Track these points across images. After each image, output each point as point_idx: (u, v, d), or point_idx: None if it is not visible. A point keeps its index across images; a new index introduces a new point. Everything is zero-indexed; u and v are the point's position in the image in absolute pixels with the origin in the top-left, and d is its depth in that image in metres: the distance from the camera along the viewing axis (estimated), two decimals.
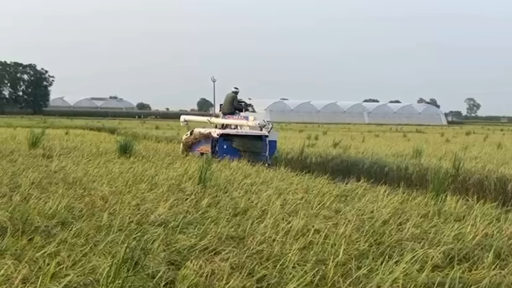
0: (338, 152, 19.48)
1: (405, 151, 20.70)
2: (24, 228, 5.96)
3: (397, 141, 30.04)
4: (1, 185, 8.80)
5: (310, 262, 5.23)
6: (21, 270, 4.59)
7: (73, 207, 7.24)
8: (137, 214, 6.99)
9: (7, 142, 19.07)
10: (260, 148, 17.08)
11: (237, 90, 18.91)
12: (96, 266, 4.82)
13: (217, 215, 7.25)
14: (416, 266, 5.20)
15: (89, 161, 13.15)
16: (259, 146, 17.11)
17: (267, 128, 17.43)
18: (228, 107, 18.76)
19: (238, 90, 18.93)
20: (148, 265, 4.96)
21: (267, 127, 17.44)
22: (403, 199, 9.23)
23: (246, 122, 17.77)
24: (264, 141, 17.24)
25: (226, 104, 18.87)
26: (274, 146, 17.75)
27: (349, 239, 6.10)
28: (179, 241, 5.77)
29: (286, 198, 8.74)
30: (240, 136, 17.28)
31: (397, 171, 15.82)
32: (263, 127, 17.38)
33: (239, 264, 5.17)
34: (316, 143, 25.42)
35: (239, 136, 17.31)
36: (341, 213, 7.74)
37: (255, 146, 17.06)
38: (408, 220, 7.41)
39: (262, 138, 17.27)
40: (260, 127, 17.39)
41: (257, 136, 17.30)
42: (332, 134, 37.95)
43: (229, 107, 18.71)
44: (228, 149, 16.71)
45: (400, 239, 6.36)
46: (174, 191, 9.06)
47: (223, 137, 17.00)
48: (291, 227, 6.55)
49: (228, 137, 17.12)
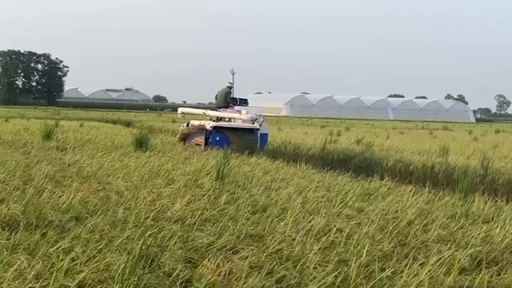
0: (361, 149, 19.39)
1: (431, 149, 20.56)
2: (37, 223, 6.02)
3: (423, 139, 29.83)
4: (14, 178, 8.88)
5: (331, 262, 5.22)
6: (34, 266, 4.64)
7: (87, 202, 7.29)
8: (153, 210, 7.02)
9: (20, 134, 19.24)
10: (251, 140, 18.23)
11: (231, 85, 19.99)
12: (111, 262, 4.85)
13: (235, 212, 7.26)
14: (443, 269, 5.18)
15: (104, 154, 13.22)
16: (251, 139, 18.30)
17: (258, 121, 18.68)
18: (222, 101, 19.94)
19: (232, 85, 20.01)
20: (164, 263, 4.98)
21: (258, 121, 18.68)
22: (429, 199, 9.18)
23: (239, 116, 18.92)
24: (256, 134, 18.56)
25: (220, 98, 20.09)
26: (265, 138, 19.21)
27: (372, 240, 6.09)
28: (196, 239, 5.79)
29: (307, 196, 8.73)
30: (232, 129, 18.48)
31: (423, 170, 15.72)
32: (255, 120, 18.56)
33: (258, 263, 5.18)
34: (339, 139, 25.34)
35: (232, 128, 18.51)
36: (364, 213, 7.72)
37: (246, 138, 18.20)
38: (434, 221, 7.37)
39: (253, 131, 18.58)
40: (252, 120, 18.54)
41: (249, 129, 18.54)
42: (355, 130, 37.79)
43: (223, 100, 19.89)
44: (220, 141, 17.88)
45: (425, 240, 6.34)
46: (191, 186, 9.08)
47: (216, 129, 18.24)
48: (312, 226, 6.55)
49: (221, 129, 18.34)
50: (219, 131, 18.29)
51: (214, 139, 18.14)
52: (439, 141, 26.21)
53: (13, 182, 8.41)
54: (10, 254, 4.90)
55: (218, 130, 18.31)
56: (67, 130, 22.69)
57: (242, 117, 18.81)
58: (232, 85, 19.99)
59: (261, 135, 18.82)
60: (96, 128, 26.96)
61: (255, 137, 18.51)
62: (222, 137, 18.14)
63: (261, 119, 19.05)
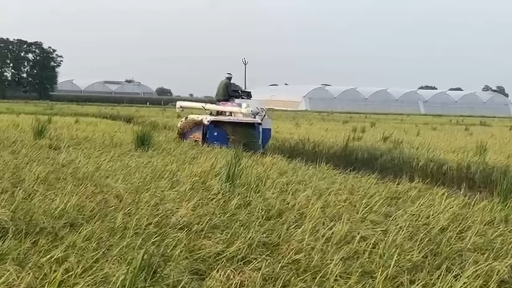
0: (388, 147, 19.39)
1: (467, 147, 20.51)
2: (27, 229, 6.04)
3: (458, 135, 29.75)
4: (2, 180, 8.92)
5: (355, 274, 5.22)
6: (24, 277, 4.65)
7: (83, 206, 7.30)
8: (156, 216, 7.03)
9: (9, 131, 19.33)
10: (252, 136, 18.69)
11: (230, 76, 20.44)
12: (109, 274, 4.86)
13: (247, 218, 7.26)
14: (479, 282, 5.15)
15: (101, 153, 13.26)
16: (252, 134, 18.77)
17: (260, 115, 19.11)
18: (222, 94, 20.33)
19: (231, 75, 20.46)
20: (168, 274, 4.99)
21: (260, 115, 19.12)
22: (464, 203, 9.14)
23: (239, 109, 19.27)
24: (257, 129, 18.97)
25: (219, 91, 20.46)
26: (268, 134, 19.64)
27: (400, 249, 6.06)
28: (203, 247, 5.80)
29: (328, 200, 8.72)
30: (231, 123, 18.94)
31: (458, 170, 15.69)
32: (256, 114, 18.99)
33: (273, 275, 5.18)
34: (363, 136, 25.31)
35: (231, 123, 18.97)
36: (391, 218, 7.70)
37: (247, 133, 18.67)
38: (470, 227, 7.33)
39: (255, 125, 18.98)
40: (253, 114, 18.96)
41: (249, 124, 18.95)
42: (381, 126, 37.75)
43: (223, 93, 20.27)
44: (218, 136, 18.40)
45: (460, 249, 6.31)
46: (198, 189, 9.09)
47: (213, 124, 18.77)
48: (333, 234, 6.53)
49: (219, 124, 18.85)
50: (217, 126, 18.75)
51: (212, 135, 18.59)
52: (475, 138, 26.10)
53: (0, 185, 8.44)
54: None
55: (216, 125, 18.77)
56: (61, 127, 22.80)
57: (243, 111, 19.12)
58: (231, 75, 20.46)
59: (263, 130, 19.17)
60: (93, 125, 27.07)
61: (257, 133, 18.91)
62: (221, 132, 18.60)
63: (264, 113, 19.42)
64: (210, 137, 18.51)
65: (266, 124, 19.47)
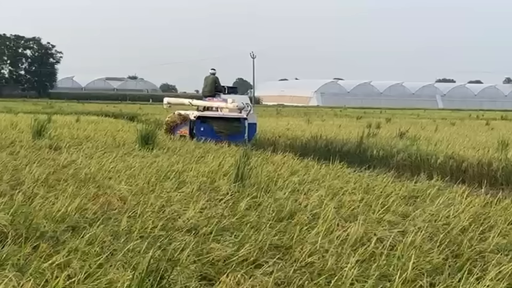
0: (405, 144, 19.31)
1: (488, 142, 20.42)
2: (28, 234, 6.05)
3: (478, 131, 29.67)
4: (1, 182, 8.94)
5: (371, 278, 5.21)
6: (24, 284, 4.66)
7: (85, 209, 7.32)
8: (162, 218, 7.04)
9: (7, 131, 19.37)
10: (238, 131, 20.32)
11: (214, 72, 22.10)
12: (113, 279, 4.86)
13: (258, 219, 7.26)
14: (503, 285, 5.14)
15: (104, 154, 13.29)
16: (237, 128, 20.42)
17: (246, 110, 20.84)
18: (209, 89, 21.98)
19: (215, 71, 22.11)
20: (175, 280, 4.99)
21: (246, 110, 20.85)
22: (486, 202, 9.12)
23: (225, 104, 20.95)
24: (243, 124, 20.73)
25: (207, 86, 22.10)
26: (254, 128, 21.35)
27: (419, 250, 6.06)
28: (212, 251, 5.79)
29: (342, 200, 8.72)
30: (217, 118, 20.55)
31: (478, 167, 15.62)
32: (242, 109, 20.71)
33: (285, 279, 5.18)
34: (378, 132, 25.25)
35: (217, 118, 20.57)
36: (409, 219, 7.69)
37: (233, 128, 20.29)
38: (492, 227, 7.33)
39: (240, 120, 20.73)
40: (239, 109, 20.65)
41: (235, 119, 20.67)
42: (397, 122, 37.66)
43: (210, 89, 21.93)
44: (205, 132, 19.81)
45: (482, 250, 6.30)
46: (206, 190, 9.10)
47: (200, 119, 20.32)
48: (348, 235, 6.53)
49: (205, 119, 20.43)
50: (204, 121, 20.28)
51: (199, 130, 20.08)
52: (497, 133, 26.03)
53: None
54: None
55: (203, 120, 20.33)
56: (61, 126, 22.83)
57: (229, 106, 20.79)
58: (215, 71, 22.08)
59: (249, 125, 20.91)
60: (94, 123, 27.10)
61: (242, 127, 20.64)
62: (207, 127, 20.08)
63: (249, 108, 21.22)
64: (197, 132, 19.98)
65: (251, 119, 21.21)
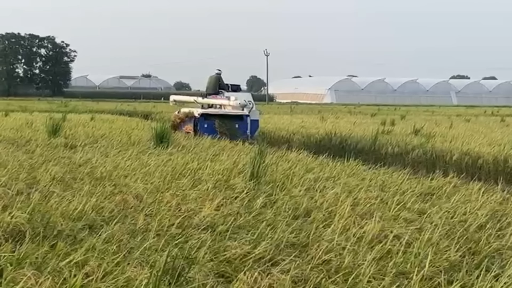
0: (420, 141, 19.24)
1: (504, 139, 20.31)
2: (45, 232, 6.08)
3: (494, 127, 29.52)
4: (18, 181, 8.98)
5: (388, 275, 5.20)
6: (43, 283, 4.68)
7: (102, 208, 7.35)
8: (178, 216, 7.05)
9: (22, 130, 19.47)
10: (241, 127, 21.29)
11: (219, 72, 23.05)
12: (131, 277, 4.88)
13: (274, 217, 7.27)
14: None
15: (119, 152, 13.32)
16: (240, 125, 21.37)
17: (248, 107, 21.74)
18: (212, 88, 22.94)
19: (220, 71, 23.06)
20: (193, 278, 5.00)
21: (248, 107, 21.74)
22: (502, 199, 9.09)
23: (228, 102, 21.86)
24: (245, 120, 21.64)
25: (210, 85, 23.06)
26: (256, 125, 22.22)
27: (436, 248, 6.04)
28: (229, 249, 5.79)
29: (358, 197, 8.70)
30: (221, 116, 21.47)
31: (494, 164, 15.54)
32: (244, 106, 21.61)
33: (302, 277, 5.17)
34: (393, 129, 25.19)
35: (220, 115, 21.48)
36: (425, 216, 7.67)
37: (236, 125, 21.24)
38: (509, 224, 7.31)
39: (243, 117, 21.65)
40: (241, 106, 21.55)
41: (238, 116, 21.61)
42: (412, 119, 37.54)
43: (213, 87, 22.89)
44: (209, 128, 20.71)
45: (500, 247, 6.28)
46: (221, 188, 9.11)
47: (204, 117, 21.18)
48: (365, 233, 6.52)
49: (209, 116, 21.28)
50: (207, 118, 21.17)
51: (202, 126, 20.93)
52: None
53: (16, 186, 8.48)
54: (15, 269, 4.94)
55: (206, 117, 21.20)
56: (76, 125, 22.90)
57: (231, 104, 21.70)
58: (221, 71, 23.00)
59: (251, 122, 21.78)
60: (109, 122, 27.17)
61: (245, 124, 21.54)
62: (211, 124, 20.96)
63: (251, 105, 22.06)
64: (200, 129, 20.84)
65: (253, 115, 22.08)
